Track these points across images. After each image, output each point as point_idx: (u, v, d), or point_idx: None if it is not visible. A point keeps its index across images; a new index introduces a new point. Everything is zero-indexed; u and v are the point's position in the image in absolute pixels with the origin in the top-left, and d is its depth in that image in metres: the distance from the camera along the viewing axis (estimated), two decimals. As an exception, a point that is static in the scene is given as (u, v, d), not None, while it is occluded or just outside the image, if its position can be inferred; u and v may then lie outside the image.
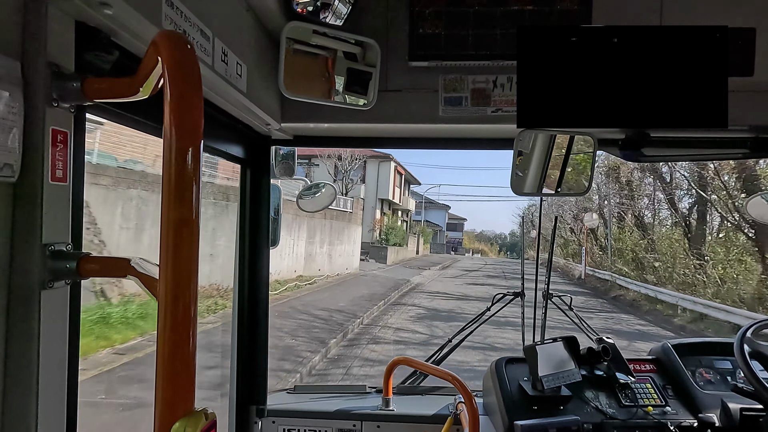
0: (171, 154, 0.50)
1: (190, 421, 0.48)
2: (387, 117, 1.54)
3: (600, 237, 27.65)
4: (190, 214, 0.51)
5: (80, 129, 0.75)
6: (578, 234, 31.56)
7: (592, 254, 26.86)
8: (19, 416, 0.65)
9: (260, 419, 1.80)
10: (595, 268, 24.99)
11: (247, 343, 1.76)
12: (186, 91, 0.52)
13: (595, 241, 27.85)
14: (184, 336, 0.49)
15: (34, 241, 0.66)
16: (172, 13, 0.86)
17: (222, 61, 1.08)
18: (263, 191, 1.77)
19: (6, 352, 0.64)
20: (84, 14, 0.72)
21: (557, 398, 1.71)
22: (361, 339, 9.16)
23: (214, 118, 1.35)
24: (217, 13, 1.07)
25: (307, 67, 1.40)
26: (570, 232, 33.69)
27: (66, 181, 0.71)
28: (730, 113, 1.15)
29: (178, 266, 0.50)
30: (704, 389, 1.80)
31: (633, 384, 1.80)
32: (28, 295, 0.65)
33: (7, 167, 0.63)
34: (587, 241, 27.24)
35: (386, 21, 1.52)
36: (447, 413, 1.78)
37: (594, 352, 1.83)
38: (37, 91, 0.66)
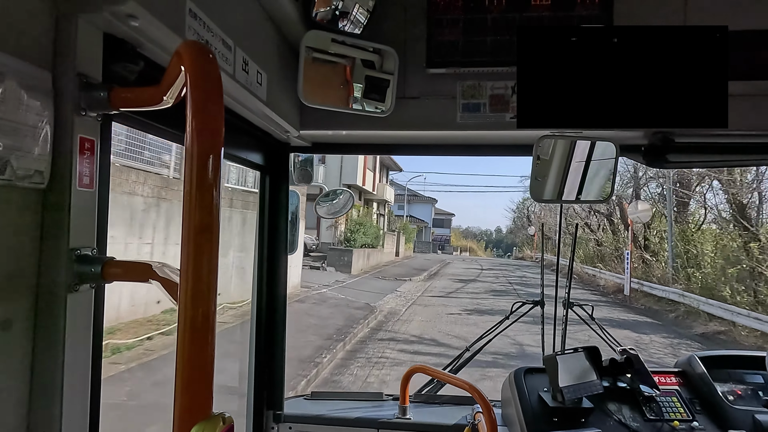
0: (192, 160, 0.51)
1: (207, 425, 0.48)
2: (405, 124, 1.54)
3: (648, 236, 20.04)
4: (211, 220, 0.51)
5: (106, 137, 0.77)
6: (616, 228, 23.93)
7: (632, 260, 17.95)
8: (45, 416, 0.66)
9: (277, 424, 1.81)
10: (641, 279, 17.45)
11: (264, 349, 1.77)
12: (207, 100, 0.53)
13: (643, 240, 20.08)
14: (203, 340, 0.50)
15: (61, 245, 0.68)
16: (195, 24, 0.88)
17: (243, 70, 1.10)
18: (282, 198, 1.79)
19: (33, 352, 0.66)
20: (112, 26, 0.75)
21: (578, 410, 1.66)
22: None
23: (235, 126, 1.37)
24: (239, 23, 1.09)
25: (325, 75, 1.42)
26: (596, 229, 26.14)
27: (92, 188, 0.73)
28: (757, 117, 1.12)
29: (198, 271, 0.50)
30: (734, 404, 1.73)
31: (658, 397, 1.74)
32: (55, 298, 0.67)
33: (37, 174, 0.65)
34: (628, 238, 18.17)
35: (404, 28, 1.53)
36: (465, 423, 1.76)
37: (617, 363, 1.78)
38: (66, 100, 0.68)
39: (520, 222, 59.02)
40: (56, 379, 0.67)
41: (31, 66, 0.64)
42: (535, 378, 1.80)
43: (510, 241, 78.45)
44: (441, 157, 21.88)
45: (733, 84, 1.20)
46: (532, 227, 43.80)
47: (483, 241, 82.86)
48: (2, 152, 0.59)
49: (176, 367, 0.49)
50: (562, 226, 39.22)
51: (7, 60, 0.60)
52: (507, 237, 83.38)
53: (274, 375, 1.80)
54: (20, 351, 0.65)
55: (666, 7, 1.43)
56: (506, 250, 73.87)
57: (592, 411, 1.68)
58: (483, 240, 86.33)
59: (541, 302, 2.38)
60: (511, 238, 76.97)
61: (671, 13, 1.43)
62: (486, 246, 78.12)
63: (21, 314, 0.65)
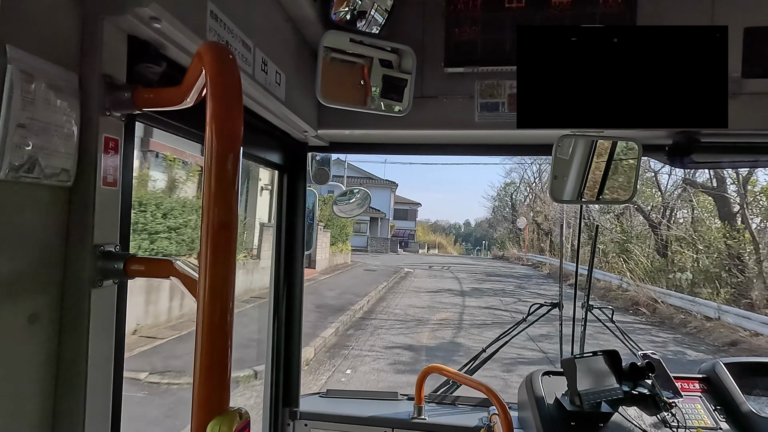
0: (212, 159, 0.52)
1: (225, 420, 0.49)
2: (422, 123, 1.54)
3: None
4: (229, 218, 0.52)
5: (130, 136, 0.79)
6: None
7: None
8: (69, 408, 0.68)
9: (293, 421, 1.83)
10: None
11: (281, 346, 1.79)
12: (227, 100, 0.54)
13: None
14: (221, 336, 0.51)
15: (86, 242, 0.70)
16: (216, 26, 0.90)
17: (262, 70, 1.11)
18: (299, 197, 1.80)
19: (59, 346, 0.68)
20: (136, 29, 0.76)
21: (597, 415, 1.63)
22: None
23: (254, 126, 1.39)
24: (258, 24, 1.11)
25: (343, 75, 1.42)
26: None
27: (116, 186, 0.75)
28: None
29: (216, 268, 0.51)
30: (761, 412, 1.67)
31: (681, 404, 1.70)
32: (79, 293, 0.69)
33: (64, 172, 0.67)
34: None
35: (422, 28, 1.52)
36: (480, 425, 1.74)
37: (637, 367, 1.74)
38: (92, 101, 0.70)
39: (500, 213, 48.98)
40: (80, 372, 0.69)
41: (58, 67, 0.66)
42: (553, 381, 1.78)
43: (479, 234, 71.50)
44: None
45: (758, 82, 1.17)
46: (521, 219, 33.49)
47: (452, 235, 77.08)
48: (31, 151, 0.61)
49: (194, 362, 0.50)
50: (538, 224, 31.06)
51: (36, 62, 0.62)
52: (476, 230, 78.99)
53: (291, 372, 1.82)
54: (46, 344, 0.67)
55: (692, 8, 1.40)
56: (475, 244, 68.03)
57: (611, 416, 1.65)
58: (452, 233, 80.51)
59: (559, 304, 2.34)
60: (480, 232, 69.54)
61: (698, 13, 1.39)
62: (455, 240, 71.61)
63: (47, 308, 0.67)
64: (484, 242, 58.39)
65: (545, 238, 31.60)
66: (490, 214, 53.87)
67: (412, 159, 65.00)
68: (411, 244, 46.07)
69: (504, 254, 40.29)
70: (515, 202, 42.99)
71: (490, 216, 54.24)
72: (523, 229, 34.68)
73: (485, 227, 62.00)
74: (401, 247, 42.75)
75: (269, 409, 1.78)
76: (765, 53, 1.33)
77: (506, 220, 45.55)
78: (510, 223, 42.50)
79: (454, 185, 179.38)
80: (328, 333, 8.40)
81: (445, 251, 54.85)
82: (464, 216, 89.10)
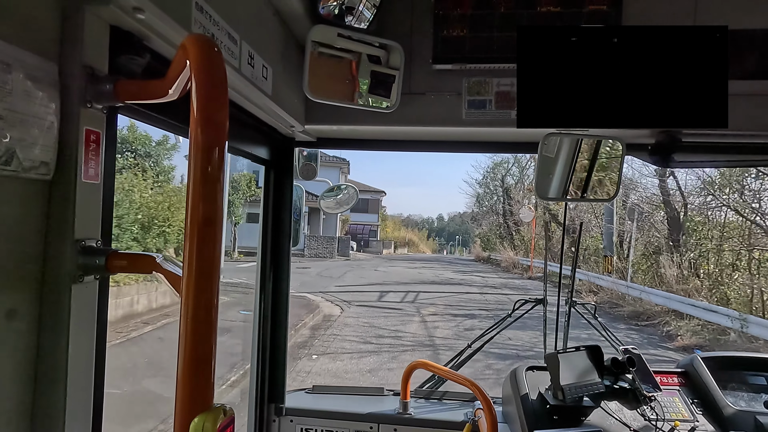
0: (197, 154, 0.51)
1: (209, 417, 0.49)
2: (410, 119, 1.54)
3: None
4: (214, 213, 0.52)
5: (112, 129, 0.78)
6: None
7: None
8: (49, 405, 0.67)
9: (278, 417, 1.82)
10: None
11: (267, 342, 1.78)
12: (212, 93, 0.53)
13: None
14: (205, 333, 0.50)
15: (66, 236, 0.68)
16: (201, 18, 0.88)
17: (249, 64, 1.10)
18: (286, 192, 1.79)
19: (38, 343, 0.67)
20: (118, 19, 0.75)
21: (579, 409, 1.66)
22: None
23: (240, 120, 1.37)
24: (245, 17, 1.09)
25: (331, 70, 1.41)
26: None
27: (98, 180, 0.73)
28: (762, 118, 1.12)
29: (201, 264, 0.51)
30: (736, 405, 1.72)
31: (660, 397, 1.74)
32: (59, 289, 0.68)
33: (43, 165, 0.66)
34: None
35: (410, 24, 1.52)
36: (465, 420, 1.76)
37: (619, 362, 1.77)
38: (72, 92, 0.68)
39: (487, 202, 36.70)
40: (60, 369, 0.67)
41: (37, 57, 0.64)
42: (537, 376, 1.80)
43: (452, 229, 68.67)
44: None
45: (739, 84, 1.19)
46: (525, 210, 22.80)
47: (425, 230, 73.77)
48: (9, 143, 0.60)
49: (178, 359, 0.50)
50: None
51: (14, 51, 0.60)
52: (449, 225, 77.38)
53: (276, 368, 1.81)
54: (25, 340, 0.65)
55: (675, 7, 1.42)
56: (448, 239, 65.82)
57: (592, 410, 1.68)
58: (425, 228, 77.33)
59: (543, 300, 2.38)
60: (453, 226, 65.83)
61: (681, 14, 1.41)
62: (428, 235, 68.14)
63: (26, 304, 0.65)
64: (458, 237, 56.35)
65: (560, 237, 19.51)
66: (474, 205, 41.46)
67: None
68: (373, 243, 36.33)
69: (490, 256, 31.24)
70: (508, 188, 32.42)
71: (474, 207, 41.79)
72: (529, 224, 24.13)
73: (459, 222, 59.28)
74: (360, 248, 33.37)
75: (254, 405, 1.77)
76: (744, 55, 1.36)
77: (494, 213, 34.70)
78: (501, 216, 32.44)
79: (427, 178, 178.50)
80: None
81: (416, 249, 48.89)
82: (437, 210, 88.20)
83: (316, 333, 8.97)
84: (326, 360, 7.33)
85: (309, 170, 2.12)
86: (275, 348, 1.81)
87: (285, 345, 1.83)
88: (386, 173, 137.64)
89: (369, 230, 37.46)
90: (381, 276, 19.14)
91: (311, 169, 2.13)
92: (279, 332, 1.81)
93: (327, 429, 1.84)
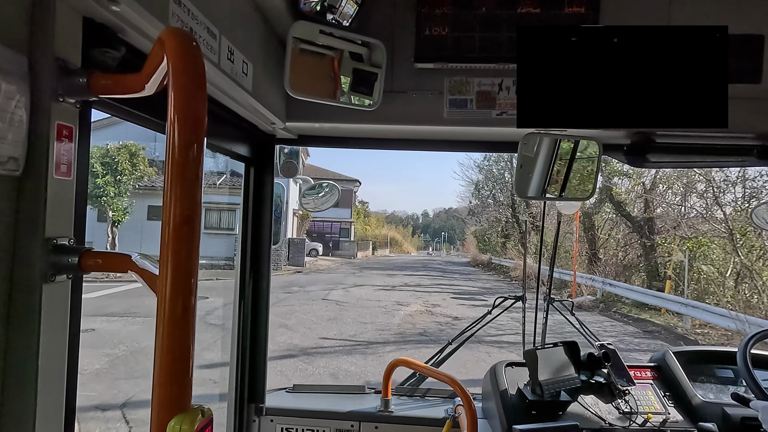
0: (174, 150, 0.50)
1: (186, 418, 0.48)
2: (392, 118, 1.54)
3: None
4: (192, 212, 0.51)
5: (85, 124, 0.76)
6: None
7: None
8: (18, 408, 0.65)
9: (258, 417, 1.80)
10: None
11: (247, 342, 1.76)
12: (190, 88, 0.52)
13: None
14: (182, 333, 0.49)
15: (37, 234, 0.66)
16: (179, 11, 0.86)
17: (228, 59, 1.08)
18: (267, 190, 1.77)
19: (6, 344, 0.65)
20: (91, 10, 0.73)
21: (556, 403, 1.70)
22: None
23: (220, 117, 1.35)
24: (225, 11, 1.07)
25: (312, 67, 1.40)
26: None
27: (70, 176, 0.71)
28: (736, 120, 1.15)
29: (179, 264, 0.50)
30: (705, 397, 1.79)
31: (633, 391, 1.79)
32: (29, 289, 0.66)
33: (12, 161, 0.63)
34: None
35: (393, 22, 1.52)
36: (446, 416, 1.78)
37: (595, 357, 1.82)
38: (43, 85, 0.66)
39: (487, 192, 27.94)
40: (30, 370, 0.65)
41: (5, 49, 0.62)
42: (516, 372, 1.83)
43: (438, 225, 67.11)
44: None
45: None
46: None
47: (410, 226, 71.57)
48: None
49: (155, 359, 0.49)
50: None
51: None
52: (434, 221, 75.49)
53: (256, 368, 1.79)
54: None
55: (649, 7, 1.46)
56: (434, 235, 64.46)
57: (569, 404, 1.72)
58: (410, 225, 74.95)
59: (522, 297, 2.42)
60: (438, 223, 64.06)
61: (656, 15, 1.45)
62: (413, 232, 65.78)
63: None
64: (443, 233, 55.69)
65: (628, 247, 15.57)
66: (471, 197, 31.95)
67: (369, 149, 60.20)
68: (344, 245, 29.82)
69: (491, 259, 25.52)
70: (494, 192, 26.66)
71: (472, 199, 31.94)
72: (571, 217, 14.71)
73: (444, 218, 58.37)
74: (328, 252, 26.34)
75: (234, 405, 1.75)
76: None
77: (497, 204, 26.90)
78: (509, 208, 24.86)
79: (412, 175, 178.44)
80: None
81: (400, 249, 41.28)
82: (422, 207, 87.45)
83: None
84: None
85: (290, 168, 2.09)
86: (255, 347, 1.79)
87: (265, 344, 1.81)
88: (371, 168, 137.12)
89: (339, 228, 30.35)
90: (325, 313, 10.14)
91: (292, 166, 2.11)
92: (259, 331, 1.79)
93: (308, 428, 1.83)
